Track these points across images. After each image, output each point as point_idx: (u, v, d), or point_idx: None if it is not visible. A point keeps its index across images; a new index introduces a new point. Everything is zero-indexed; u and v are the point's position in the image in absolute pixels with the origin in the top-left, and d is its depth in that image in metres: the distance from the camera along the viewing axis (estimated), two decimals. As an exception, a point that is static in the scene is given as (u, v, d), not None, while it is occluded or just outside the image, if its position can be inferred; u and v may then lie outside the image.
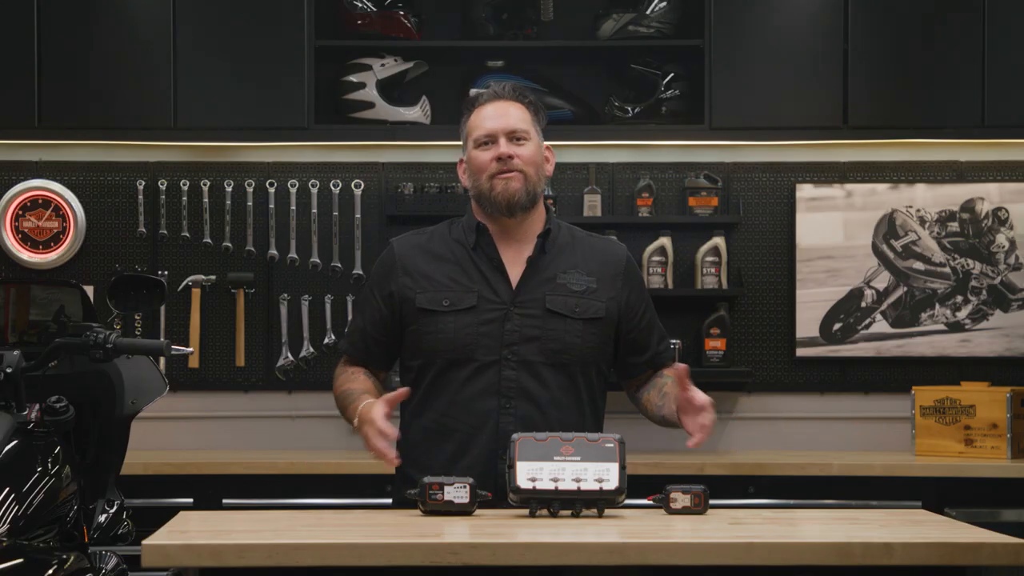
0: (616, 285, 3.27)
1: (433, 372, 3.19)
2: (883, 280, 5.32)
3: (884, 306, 5.33)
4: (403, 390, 3.10)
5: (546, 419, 3.13)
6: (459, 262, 3.23)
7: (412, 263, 3.24)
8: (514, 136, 3.21)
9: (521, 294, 3.20)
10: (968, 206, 5.32)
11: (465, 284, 3.20)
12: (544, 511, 2.84)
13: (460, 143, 3.32)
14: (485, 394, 3.16)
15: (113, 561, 3.24)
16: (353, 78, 5.22)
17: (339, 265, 5.31)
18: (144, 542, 2.52)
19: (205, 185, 5.32)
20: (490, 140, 3.21)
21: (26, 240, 5.29)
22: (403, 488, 3.12)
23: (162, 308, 5.23)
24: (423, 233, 3.32)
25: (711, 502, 2.93)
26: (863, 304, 5.33)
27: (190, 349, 4.75)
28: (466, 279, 3.21)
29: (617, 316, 3.26)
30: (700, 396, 3.05)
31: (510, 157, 3.19)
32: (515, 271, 3.22)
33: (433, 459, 3.17)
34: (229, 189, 5.31)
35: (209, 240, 5.32)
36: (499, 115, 3.23)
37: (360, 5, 5.24)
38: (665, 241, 5.23)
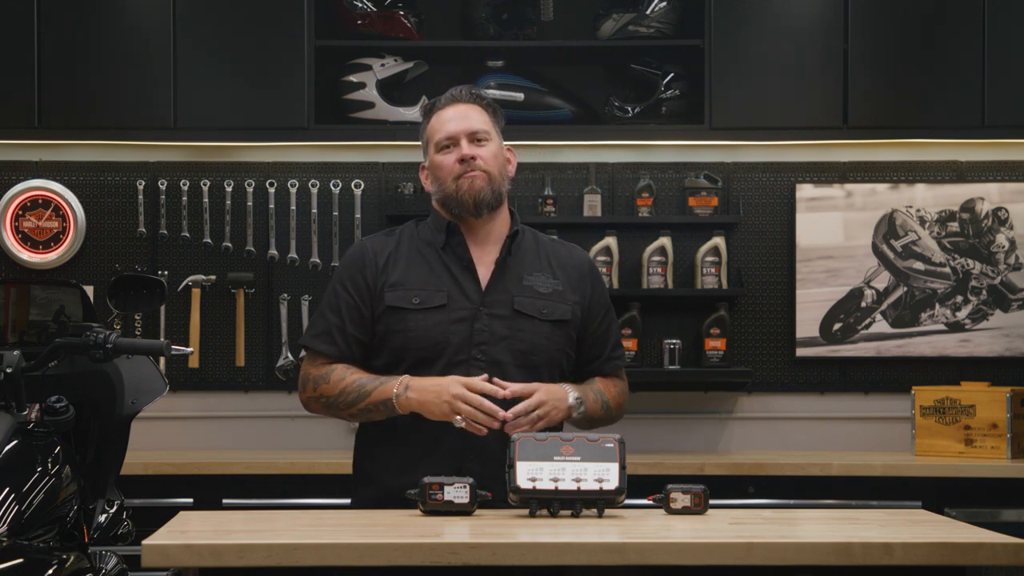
0: (581, 289, 3.29)
1: (400, 371, 3.18)
2: (883, 280, 5.32)
3: (884, 306, 5.33)
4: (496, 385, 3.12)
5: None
6: (428, 262, 3.24)
7: (383, 261, 3.24)
8: (475, 137, 3.24)
9: (490, 294, 3.21)
10: (968, 206, 5.32)
11: (435, 284, 3.21)
12: (544, 511, 2.84)
13: None
14: None
15: (113, 561, 3.25)
16: (353, 78, 5.22)
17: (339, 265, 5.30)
18: (144, 542, 2.52)
19: (205, 185, 5.32)
20: (451, 143, 3.23)
21: (26, 240, 5.29)
22: (363, 488, 3.15)
23: (162, 308, 5.23)
24: (392, 233, 3.33)
25: (711, 502, 2.93)
26: (863, 304, 5.32)
27: (190, 349, 4.74)
28: (435, 279, 3.22)
29: (581, 319, 3.28)
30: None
31: (473, 158, 3.21)
32: (483, 272, 3.23)
33: (399, 457, 3.17)
34: (229, 189, 5.31)
35: (209, 240, 5.32)
36: (459, 117, 3.25)
37: (360, 5, 5.24)
38: (665, 241, 5.23)
